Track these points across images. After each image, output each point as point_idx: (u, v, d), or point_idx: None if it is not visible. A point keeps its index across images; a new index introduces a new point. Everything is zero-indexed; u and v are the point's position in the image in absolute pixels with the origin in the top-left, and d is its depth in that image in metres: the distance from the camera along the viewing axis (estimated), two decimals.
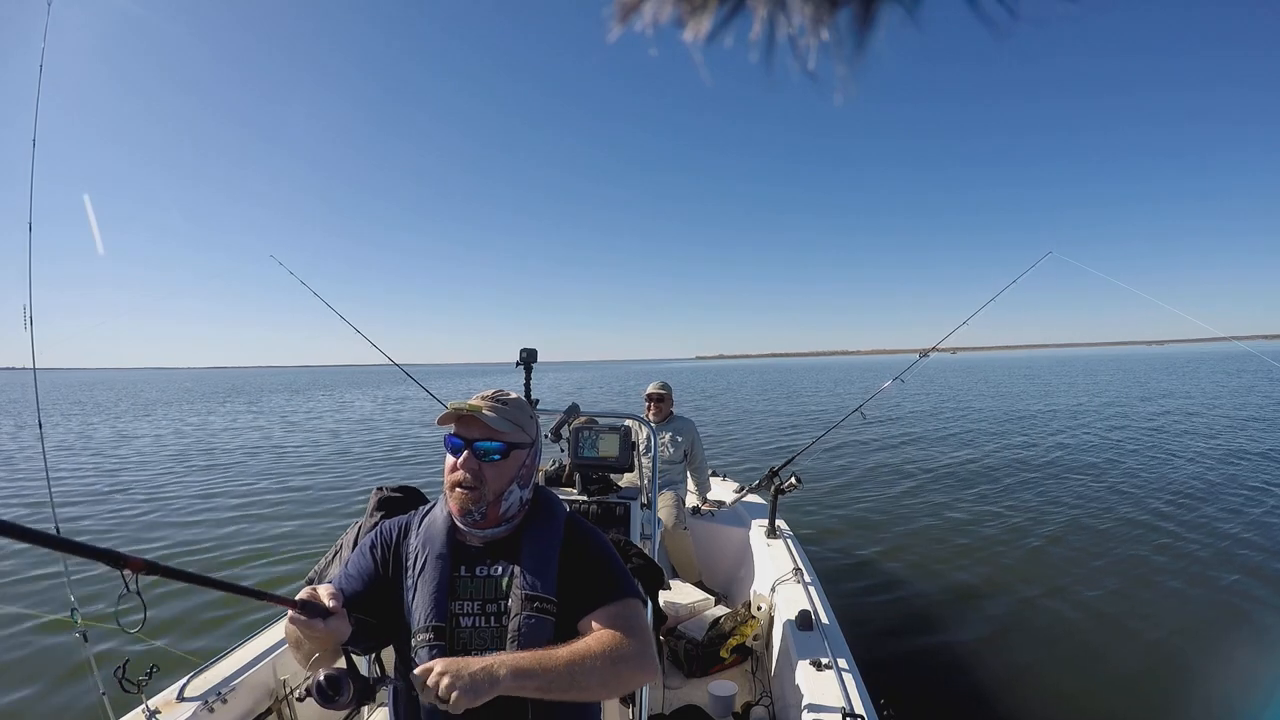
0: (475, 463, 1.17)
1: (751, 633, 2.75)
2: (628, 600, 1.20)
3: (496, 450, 1.18)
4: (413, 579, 1.19)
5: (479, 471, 1.17)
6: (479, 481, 1.17)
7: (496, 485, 1.19)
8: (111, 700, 1.76)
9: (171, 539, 5.97)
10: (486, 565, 1.21)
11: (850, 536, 5.73)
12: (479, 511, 1.17)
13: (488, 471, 1.17)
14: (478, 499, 1.17)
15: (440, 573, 1.18)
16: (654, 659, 1.16)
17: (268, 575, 4.99)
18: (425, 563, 1.20)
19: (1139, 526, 5.78)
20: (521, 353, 2.35)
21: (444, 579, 1.18)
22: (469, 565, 1.21)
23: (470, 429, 1.18)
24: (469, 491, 1.16)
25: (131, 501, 7.59)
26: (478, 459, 1.17)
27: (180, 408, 25.73)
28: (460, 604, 1.18)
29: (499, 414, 1.19)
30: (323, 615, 0.98)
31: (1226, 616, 3.94)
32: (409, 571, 1.21)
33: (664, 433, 3.77)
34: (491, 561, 1.21)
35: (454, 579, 1.19)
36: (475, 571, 1.20)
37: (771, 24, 0.25)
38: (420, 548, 1.22)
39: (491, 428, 1.17)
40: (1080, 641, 3.66)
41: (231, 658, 2.05)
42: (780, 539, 3.35)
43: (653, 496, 2.47)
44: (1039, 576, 4.65)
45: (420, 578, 1.19)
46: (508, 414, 1.21)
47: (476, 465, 1.17)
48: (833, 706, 1.83)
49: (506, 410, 1.22)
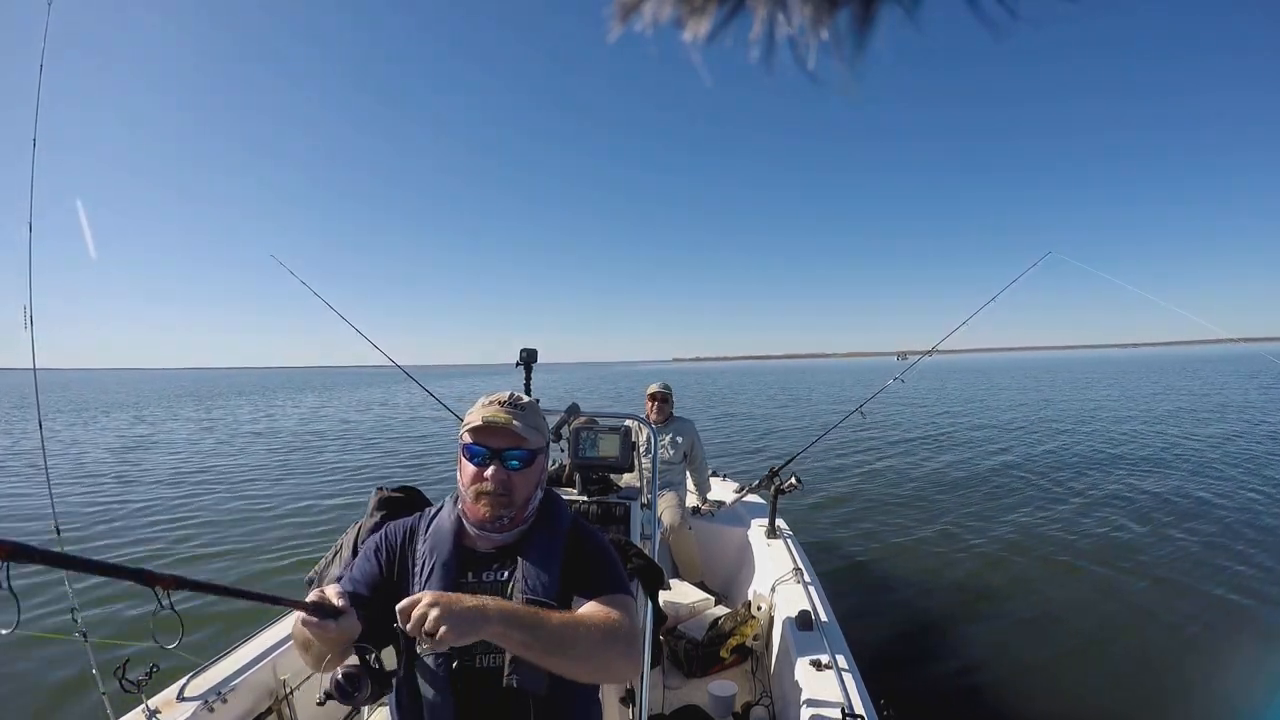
0: (504, 473, 1.17)
1: (751, 633, 2.75)
2: (623, 596, 1.21)
3: (523, 458, 1.19)
4: (420, 584, 1.19)
5: (508, 481, 1.17)
6: (508, 490, 1.18)
7: (524, 492, 1.20)
8: (111, 700, 1.75)
9: (171, 539, 5.97)
10: (493, 570, 1.21)
11: (850, 536, 5.73)
12: (507, 517, 1.19)
13: (516, 480, 1.18)
14: (508, 505, 1.18)
15: (447, 579, 1.18)
16: (640, 654, 1.18)
17: (268, 576, 4.98)
18: (433, 569, 1.20)
19: (1143, 527, 5.78)
20: (522, 353, 2.34)
21: (451, 585, 1.17)
22: (476, 570, 1.21)
23: (495, 438, 1.18)
24: (499, 499, 1.17)
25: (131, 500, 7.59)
26: (506, 469, 1.18)
27: (172, 408, 25.73)
28: None
29: (524, 422, 1.19)
30: (334, 616, 0.98)
31: (1230, 615, 3.94)
32: (415, 577, 1.21)
33: (664, 434, 3.77)
34: (499, 567, 1.21)
35: (460, 585, 1.19)
36: (483, 577, 1.21)
37: (771, 24, 0.25)
38: (428, 553, 1.22)
39: (519, 436, 1.18)
40: (1081, 641, 3.66)
41: (231, 657, 2.05)
42: (780, 539, 3.35)
43: (653, 497, 2.47)
44: (1040, 576, 4.65)
45: (427, 584, 1.18)
46: (530, 420, 1.22)
47: (506, 475, 1.17)
48: (833, 706, 1.83)
49: (528, 416, 1.22)
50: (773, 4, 0.25)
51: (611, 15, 0.27)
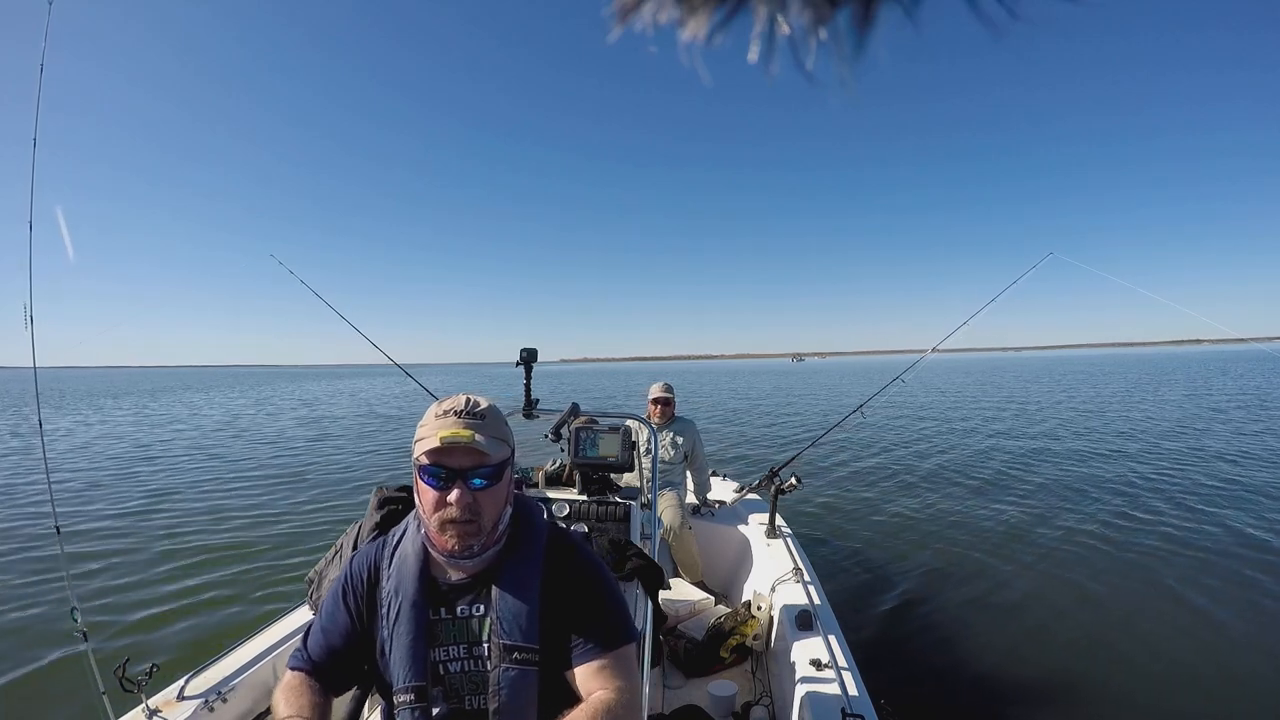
0: (469, 495, 1.04)
1: (751, 632, 2.75)
2: (621, 650, 1.09)
3: (490, 475, 1.06)
4: (388, 630, 1.09)
5: (474, 504, 1.04)
6: (475, 514, 1.05)
7: (493, 513, 1.08)
8: (111, 700, 1.76)
9: (168, 539, 5.96)
10: (467, 603, 1.10)
11: (850, 536, 5.73)
12: (478, 544, 1.06)
13: (483, 501, 1.06)
14: (476, 532, 1.05)
15: (416, 622, 1.07)
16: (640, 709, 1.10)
17: (267, 575, 4.98)
18: (400, 611, 1.08)
19: (1147, 527, 5.77)
20: (522, 352, 2.34)
21: (420, 629, 1.07)
22: (449, 606, 1.10)
23: (456, 457, 1.03)
24: (465, 525, 1.04)
25: (128, 497, 7.58)
26: (471, 491, 1.04)
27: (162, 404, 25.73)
28: (445, 649, 1.09)
29: (487, 433, 1.06)
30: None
31: (1235, 615, 3.93)
32: (384, 621, 1.10)
33: (665, 434, 3.77)
34: (473, 598, 1.10)
35: (434, 624, 1.09)
36: (457, 612, 1.10)
37: (771, 24, 0.25)
38: (393, 593, 1.10)
39: (483, 452, 1.04)
40: (1083, 641, 3.66)
41: (231, 656, 2.05)
42: (780, 539, 3.35)
43: (653, 497, 2.47)
44: (1041, 576, 4.64)
45: (396, 630, 1.08)
46: (493, 429, 1.08)
47: (471, 498, 1.04)
48: (833, 706, 1.83)
49: (489, 425, 1.07)
50: (773, 4, 0.25)
51: (611, 16, 0.27)
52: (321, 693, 1.13)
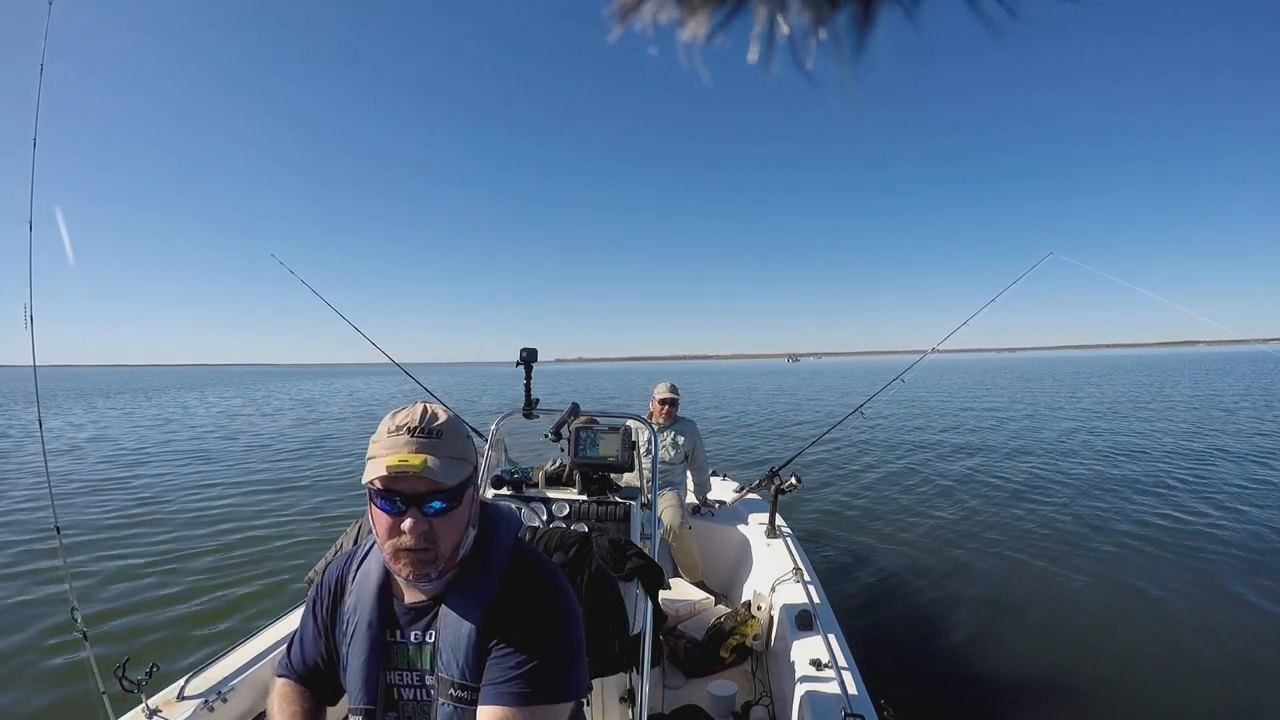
0: (425, 523, 0.94)
1: (751, 632, 2.75)
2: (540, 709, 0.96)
3: (448, 499, 0.96)
4: (347, 645, 1.07)
5: (430, 532, 0.95)
6: (432, 542, 0.96)
7: (452, 538, 0.99)
8: (111, 700, 1.76)
9: (168, 539, 5.96)
10: (420, 628, 1.04)
11: (851, 536, 5.73)
12: (435, 570, 0.98)
13: (440, 529, 0.96)
14: (433, 559, 0.97)
15: (370, 643, 1.04)
16: None
17: (267, 575, 4.98)
18: (356, 630, 1.06)
19: (1149, 526, 5.78)
20: (522, 352, 2.34)
21: (374, 651, 1.04)
22: (405, 629, 1.05)
23: (409, 483, 0.93)
24: (420, 554, 0.95)
25: (128, 497, 7.59)
26: (427, 518, 0.95)
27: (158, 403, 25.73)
28: (399, 674, 1.05)
29: (443, 454, 0.95)
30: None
31: (1237, 615, 3.93)
32: (343, 637, 1.08)
33: (666, 434, 3.77)
34: (427, 622, 1.04)
35: (390, 646, 1.05)
36: (410, 636, 1.05)
37: (771, 24, 0.25)
38: (352, 611, 1.07)
39: (436, 481, 0.93)
40: (1083, 642, 3.66)
41: (231, 656, 2.05)
42: (780, 538, 3.35)
43: (653, 497, 2.47)
44: (1041, 576, 4.64)
45: (352, 649, 1.06)
46: (451, 448, 0.97)
47: (427, 526, 0.95)
48: (833, 706, 1.83)
49: (446, 444, 0.97)
50: (773, 4, 0.25)
51: (611, 16, 0.27)
52: (313, 699, 1.13)
